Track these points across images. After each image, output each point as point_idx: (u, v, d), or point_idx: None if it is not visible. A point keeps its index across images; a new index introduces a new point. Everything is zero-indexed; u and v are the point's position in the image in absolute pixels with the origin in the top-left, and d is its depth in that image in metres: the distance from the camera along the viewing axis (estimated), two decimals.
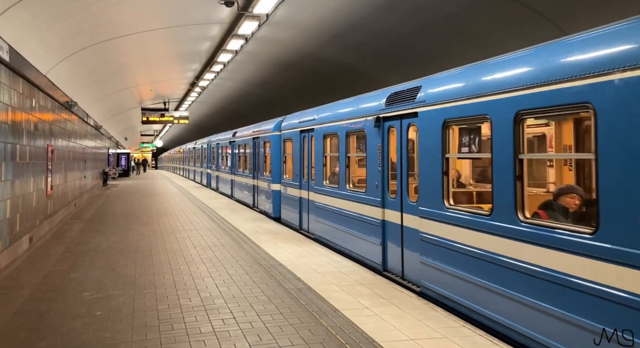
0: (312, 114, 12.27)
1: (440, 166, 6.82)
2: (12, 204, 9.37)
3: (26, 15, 9.14)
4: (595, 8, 9.39)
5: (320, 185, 11.46)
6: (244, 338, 5.40)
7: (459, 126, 6.75)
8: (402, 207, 7.94)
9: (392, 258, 8.31)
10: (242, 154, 20.36)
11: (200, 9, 12.74)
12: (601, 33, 4.64)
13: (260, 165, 17.20)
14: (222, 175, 25.57)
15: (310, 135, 12.22)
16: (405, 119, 7.83)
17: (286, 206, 14.33)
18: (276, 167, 15.30)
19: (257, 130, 17.61)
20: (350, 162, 10.19)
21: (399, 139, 8.03)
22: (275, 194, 15.29)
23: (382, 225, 8.51)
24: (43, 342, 5.37)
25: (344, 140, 10.10)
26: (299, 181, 13.06)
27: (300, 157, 12.91)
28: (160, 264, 8.96)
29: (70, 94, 15.70)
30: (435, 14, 11.59)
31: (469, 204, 7.58)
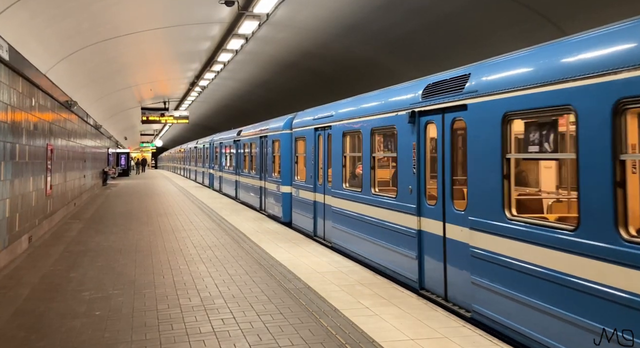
0: (329, 110, 11.14)
1: (498, 168, 5.71)
2: (12, 204, 9.36)
3: (26, 15, 9.13)
4: (595, 8, 9.38)
5: (338, 188, 10.35)
6: (244, 338, 5.39)
7: (525, 120, 5.67)
8: (444, 215, 6.82)
9: (432, 275, 7.12)
10: (247, 154, 19.35)
11: (201, 9, 12.74)
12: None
13: (268, 166, 16.09)
14: (225, 176, 24.46)
15: (326, 133, 11.20)
16: (449, 112, 6.75)
17: (298, 210, 13.28)
18: (286, 167, 14.21)
19: (265, 128, 16.50)
20: (376, 163, 9.09)
21: (440, 136, 6.93)
22: (285, 197, 14.19)
23: (418, 236, 7.36)
24: (42, 342, 5.36)
25: (368, 138, 9.02)
26: (314, 183, 12.03)
27: (315, 157, 11.92)
28: (160, 264, 8.95)
29: (70, 93, 15.69)
30: (435, 14, 11.59)
31: (536, 214, 6.27)
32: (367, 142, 9.07)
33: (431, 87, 7.23)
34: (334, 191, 10.61)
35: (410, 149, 7.62)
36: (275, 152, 15.31)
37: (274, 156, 15.43)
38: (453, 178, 6.83)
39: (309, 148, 12.27)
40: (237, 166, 21.40)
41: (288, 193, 14.11)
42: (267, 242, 11.03)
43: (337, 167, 10.52)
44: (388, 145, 9.41)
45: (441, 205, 6.92)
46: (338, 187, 10.40)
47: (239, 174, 21.00)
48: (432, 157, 7.39)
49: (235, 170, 21.79)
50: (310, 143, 12.16)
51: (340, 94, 14.25)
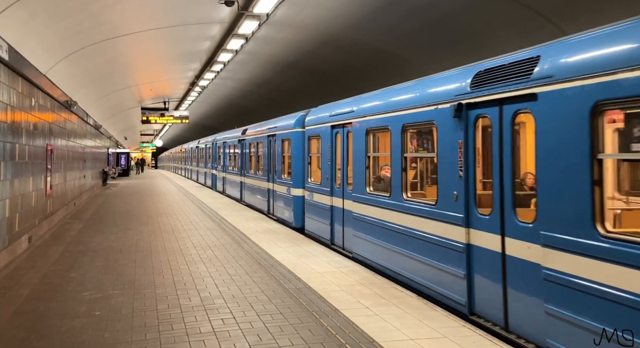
0: (349, 105, 10.07)
1: (586, 172, 4.60)
2: (12, 204, 9.35)
3: (25, 15, 9.12)
4: (595, 8, 9.38)
5: (361, 192, 9.28)
6: (244, 338, 5.39)
7: (627, 110, 4.69)
8: (503, 228, 5.71)
9: (486, 298, 6.01)
10: (254, 154, 18.20)
11: (201, 9, 12.73)
12: None
13: (277, 167, 14.99)
14: (229, 177, 23.19)
15: (345, 131, 10.15)
16: (510, 103, 5.63)
17: (312, 215, 12.02)
18: (298, 169, 13.10)
19: (273, 126, 15.43)
20: (408, 165, 8.01)
21: (497, 133, 5.81)
22: (297, 201, 13.12)
23: (467, 251, 6.24)
24: (42, 342, 5.36)
25: (398, 136, 7.90)
26: (330, 186, 10.85)
27: (332, 158, 10.79)
28: (159, 264, 8.95)
29: (70, 93, 15.68)
30: (435, 14, 11.59)
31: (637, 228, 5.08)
32: (397, 141, 7.95)
33: (483, 75, 6.16)
34: (355, 195, 9.52)
35: (454, 148, 6.53)
36: (284, 152, 14.37)
37: (283, 156, 14.46)
38: (516, 183, 5.74)
39: (325, 147, 11.15)
40: (242, 167, 20.33)
41: (300, 197, 13.07)
42: (267, 242, 11.02)
43: (358, 169, 9.46)
44: (424, 143, 8.45)
45: (498, 215, 5.78)
46: (360, 191, 9.34)
47: (244, 175, 19.92)
48: (483, 158, 6.44)
49: (240, 171, 20.67)
50: (326, 142, 11.05)
51: (340, 94, 14.24)
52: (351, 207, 9.78)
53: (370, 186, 9.12)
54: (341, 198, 10.36)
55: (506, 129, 5.72)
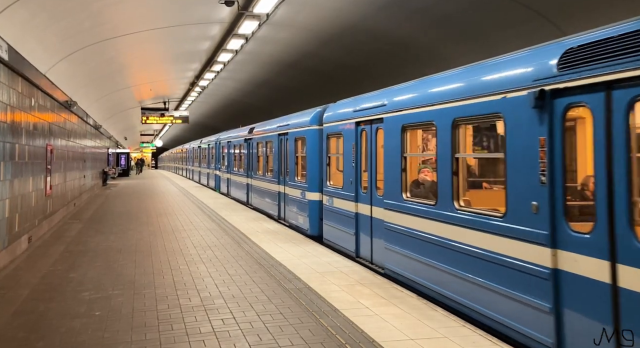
0: (379, 99, 8.80)
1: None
2: (11, 204, 9.35)
3: (25, 14, 9.12)
4: (595, 8, 9.37)
5: (395, 198, 7.99)
6: (244, 338, 5.38)
7: None
8: (614, 250, 4.34)
9: (583, 339, 4.64)
10: (262, 154, 16.94)
11: (200, 9, 12.73)
12: None
13: (289, 168, 13.70)
14: (235, 179, 21.84)
15: (374, 127, 8.94)
16: (623, 88, 4.34)
17: (332, 223, 10.68)
18: (314, 170, 11.94)
19: (285, 124, 14.22)
20: (461, 167, 6.68)
21: (601, 125, 4.52)
22: (313, 206, 11.93)
23: (553, 278, 4.90)
24: (42, 342, 5.35)
25: (447, 132, 6.63)
26: (355, 191, 9.56)
27: (357, 159, 9.53)
28: (159, 264, 8.94)
29: (70, 93, 15.68)
30: (434, 14, 11.59)
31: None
32: (446, 138, 6.66)
33: (578, 53, 4.85)
34: (388, 202, 8.20)
35: (531, 146, 5.26)
36: (298, 152, 13.20)
37: (296, 157, 13.29)
38: None
39: (348, 147, 9.89)
40: (248, 168, 19.03)
41: (316, 202, 11.85)
42: (267, 242, 11.02)
43: (392, 172, 8.11)
44: (482, 141, 7.19)
45: (605, 232, 4.43)
46: (394, 197, 8.00)
47: (251, 176, 18.64)
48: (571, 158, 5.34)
49: (246, 173, 19.37)
50: (350, 140, 9.79)
51: (340, 94, 14.24)
52: (382, 215, 8.42)
53: (407, 192, 7.81)
54: (368, 204, 9.10)
55: (617, 121, 4.42)
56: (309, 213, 12.08)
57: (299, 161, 13.28)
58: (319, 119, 11.93)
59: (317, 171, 11.91)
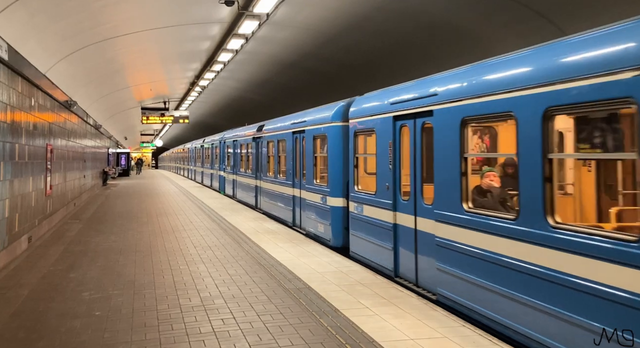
0: (426, 87, 7.34)
1: None
2: (11, 204, 9.35)
3: (25, 14, 9.12)
4: (595, 9, 9.37)
5: (452, 209, 6.50)
6: (244, 338, 5.38)
7: None
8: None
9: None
10: (273, 154, 15.62)
11: (201, 9, 12.73)
12: None
13: (307, 170, 12.30)
14: (242, 180, 20.31)
15: (419, 122, 7.42)
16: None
17: (362, 234, 9.27)
18: (337, 173, 10.60)
19: (301, 121, 12.81)
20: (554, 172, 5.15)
21: None
22: (336, 213, 10.58)
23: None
24: (42, 342, 5.35)
25: (535, 126, 5.15)
26: (393, 198, 8.09)
27: (395, 159, 8.10)
28: (159, 264, 8.94)
29: (70, 93, 15.68)
30: (434, 14, 11.59)
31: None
32: (534, 134, 5.16)
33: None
34: (441, 213, 6.76)
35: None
36: (317, 152, 11.82)
37: (315, 157, 11.87)
38: None
39: (382, 145, 8.49)
40: (257, 169, 17.52)
41: (340, 208, 10.54)
42: (267, 242, 11.01)
43: (446, 176, 6.66)
44: (593, 137, 5.43)
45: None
46: (450, 208, 6.55)
47: (260, 178, 17.08)
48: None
49: (255, 174, 17.91)
50: (385, 138, 8.37)
51: (341, 94, 14.24)
52: (432, 228, 6.99)
53: (469, 202, 6.35)
54: (411, 215, 7.63)
55: None
56: (331, 221, 10.72)
57: (317, 162, 11.88)
58: (342, 114, 10.58)
59: (340, 173, 10.56)
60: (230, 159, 23.06)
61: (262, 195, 16.86)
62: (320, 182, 11.57)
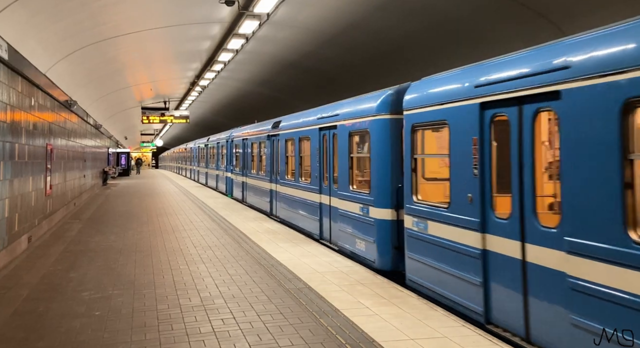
0: (544, 57, 5.28)
1: None
2: (11, 203, 9.34)
3: (25, 14, 9.11)
4: (595, 9, 9.36)
5: (614, 239, 4.31)
6: (244, 338, 5.38)
7: None
8: None
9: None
10: (292, 154, 13.74)
11: (201, 8, 12.72)
12: None
13: (340, 173, 10.24)
14: (253, 183, 18.27)
15: (528, 110, 5.43)
16: None
17: (429, 260, 7.07)
18: (384, 177, 8.63)
19: (332, 114, 10.82)
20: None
21: None
22: (383, 228, 8.58)
23: None
24: (41, 342, 5.34)
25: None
26: (481, 215, 6.06)
27: (483, 162, 6.10)
28: (159, 264, 8.94)
29: (70, 92, 15.68)
30: (434, 14, 11.58)
31: None
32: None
33: None
34: (579, 243, 4.64)
35: None
36: (354, 152, 9.89)
37: (351, 158, 9.87)
38: None
39: (460, 142, 6.48)
40: (273, 171, 15.53)
41: (388, 222, 8.56)
42: (267, 242, 11.01)
43: (587, 186, 4.61)
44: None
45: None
46: (601, 235, 4.42)
47: (277, 181, 15.09)
48: None
49: (269, 176, 15.87)
50: (466, 132, 6.38)
51: (341, 94, 14.24)
52: (562, 263, 4.85)
53: None
54: (515, 239, 5.55)
55: None
56: (376, 238, 8.70)
57: (354, 164, 9.94)
58: (390, 104, 8.68)
59: (388, 179, 8.62)
60: (239, 159, 21.22)
61: (279, 201, 14.83)
62: (359, 189, 9.60)
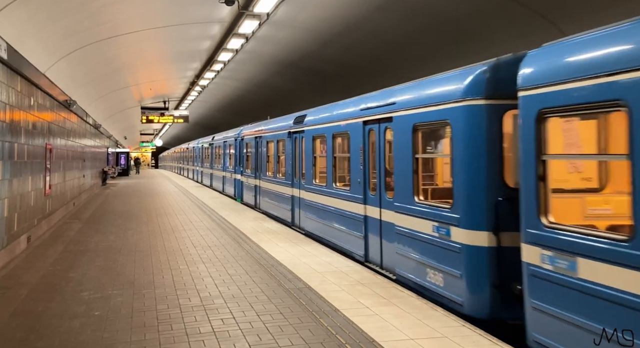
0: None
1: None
2: (10, 203, 9.33)
3: (24, 13, 9.10)
4: (595, 9, 9.35)
5: None
6: (244, 338, 5.37)
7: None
8: None
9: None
10: (321, 155, 11.78)
11: (201, 8, 12.71)
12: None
13: (398, 179, 7.85)
14: (270, 187, 15.74)
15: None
16: None
17: (582, 318, 4.42)
18: (474, 186, 6.25)
19: (384, 103, 8.35)
20: None
21: None
22: (476, 256, 6.18)
23: None
24: (41, 342, 5.33)
25: None
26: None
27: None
28: (159, 264, 8.93)
29: (69, 92, 15.66)
30: (434, 14, 11.57)
31: None
32: None
33: None
34: None
35: None
36: (419, 151, 7.46)
37: (415, 159, 7.40)
38: None
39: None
40: (295, 174, 13.31)
41: (484, 250, 6.08)
42: (267, 242, 11.00)
43: None
44: None
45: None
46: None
47: (300, 186, 12.91)
48: None
49: (291, 180, 13.58)
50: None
51: (341, 94, 14.22)
52: None
53: None
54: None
55: None
56: (464, 271, 6.24)
57: (419, 167, 7.45)
58: (487, 84, 6.17)
59: (482, 188, 6.14)
60: (250, 160, 18.95)
61: (304, 210, 12.52)
62: (431, 201, 7.31)
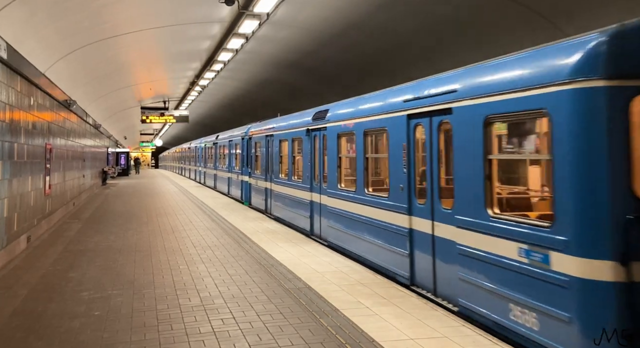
0: None
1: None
2: (10, 203, 9.32)
3: (24, 13, 9.09)
4: (595, 9, 9.35)
5: None
6: (244, 338, 5.36)
7: None
8: None
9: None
10: (348, 155, 10.47)
11: (201, 8, 12.71)
12: None
13: (458, 185, 6.32)
14: (283, 191, 14.29)
15: None
16: None
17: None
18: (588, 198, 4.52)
19: (438, 92, 6.81)
20: None
21: None
22: (593, 294, 4.38)
23: None
24: (40, 342, 5.33)
25: None
26: None
27: None
28: (159, 264, 8.92)
29: (69, 92, 15.66)
30: (434, 14, 11.57)
31: None
32: None
33: None
34: None
35: None
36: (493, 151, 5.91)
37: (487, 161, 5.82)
38: None
39: None
40: (314, 177, 11.85)
41: (607, 286, 4.35)
42: (267, 242, 10.99)
43: None
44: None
45: None
46: None
47: (320, 191, 11.39)
48: None
49: (309, 184, 12.07)
50: None
51: (341, 94, 14.22)
52: None
53: None
54: None
55: None
56: (577, 313, 4.54)
57: (493, 171, 5.84)
58: (607, 60, 4.49)
59: (604, 201, 4.50)
60: (259, 160, 17.47)
61: (326, 218, 11.02)
62: (512, 215, 5.68)
